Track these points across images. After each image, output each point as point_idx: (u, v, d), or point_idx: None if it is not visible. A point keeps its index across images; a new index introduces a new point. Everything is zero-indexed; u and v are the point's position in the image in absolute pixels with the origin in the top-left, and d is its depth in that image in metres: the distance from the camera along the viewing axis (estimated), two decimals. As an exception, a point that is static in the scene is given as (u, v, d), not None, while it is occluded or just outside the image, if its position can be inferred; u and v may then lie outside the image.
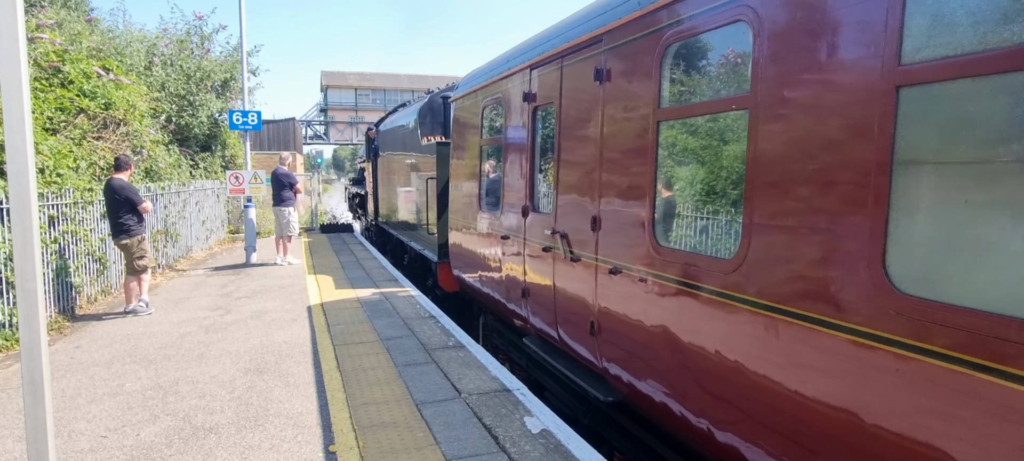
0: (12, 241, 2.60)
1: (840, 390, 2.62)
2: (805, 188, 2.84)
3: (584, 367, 5.02)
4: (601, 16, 4.57)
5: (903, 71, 2.38)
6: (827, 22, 2.75)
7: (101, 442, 4.45)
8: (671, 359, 3.77)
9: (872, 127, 2.48)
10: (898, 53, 2.39)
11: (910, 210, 2.41)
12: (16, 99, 2.45)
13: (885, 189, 2.43)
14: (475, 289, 7.64)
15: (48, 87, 9.78)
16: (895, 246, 2.43)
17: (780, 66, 3.01)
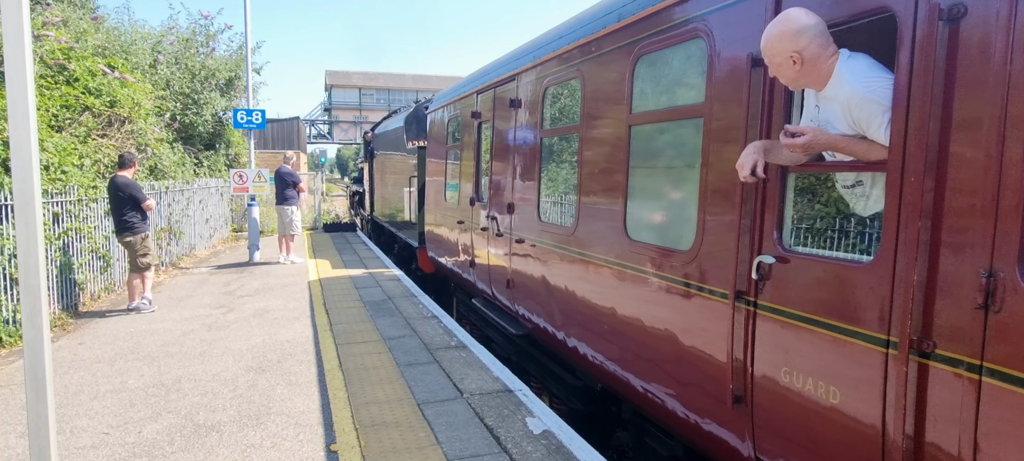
0: (16, 238, 2.61)
1: (610, 294, 4.46)
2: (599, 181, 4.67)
3: (506, 313, 6.69)
4: (515, 61, 6.44)
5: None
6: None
7: (103, 439, 4.46)
8: (547, 298, 5.52)
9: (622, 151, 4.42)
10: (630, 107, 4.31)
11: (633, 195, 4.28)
12: (21, 97, 2.46)
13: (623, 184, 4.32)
14: (443, 266, 9.33)
15: (53, 84, 9.81)
16: (629, 216, 4.27)
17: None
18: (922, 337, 2.28)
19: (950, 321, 2.20)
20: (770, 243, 2.96)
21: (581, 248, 4.82)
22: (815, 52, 2.59)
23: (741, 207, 3.08)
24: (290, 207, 12.69)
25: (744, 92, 3.08)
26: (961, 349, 2.16)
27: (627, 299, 4.21)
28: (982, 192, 2.09)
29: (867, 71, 2.57)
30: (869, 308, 2.47)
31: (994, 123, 2.07)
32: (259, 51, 21.03)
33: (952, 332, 2.19)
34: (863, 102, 2.53)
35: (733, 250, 3.13)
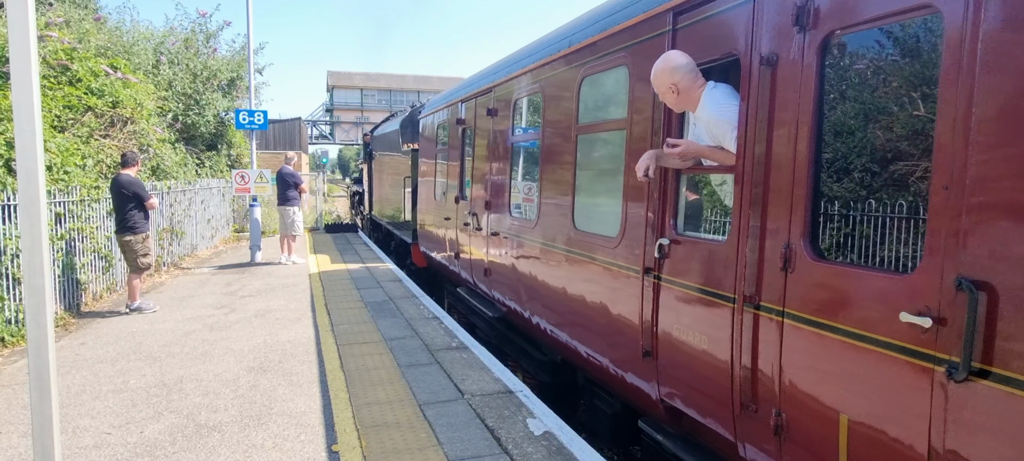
0: (21, 238, 2.62)
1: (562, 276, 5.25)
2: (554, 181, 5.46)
3: (485, 299, 7.53)
4: (493, 74, 7.25)
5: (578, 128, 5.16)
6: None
7: (105, 439, 4.47)
8: (517, 283, 6.29)
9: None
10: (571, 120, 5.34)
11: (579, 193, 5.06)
12: (27, 98, 2.47)
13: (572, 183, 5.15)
14: (433, 259, 10.17)
15: (56, 85, 9.83)
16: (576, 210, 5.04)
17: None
18: (752, 294, 3.10)
19: (767, 281, 3.03)
20: (668, 229, 3.81)
21: (541, 238, 5.69)
22: (687, 84, 3.44)
23: (648, 201, 3.96)
24: (292, 208, 12.71)
25: (650, 111, 3.95)
26: (773, 301, 3.00)
27: (574, 279, 5.06)
28: (784, 192, 2.92)
29: (723, 99, 3.41)
30: (723, 275, 3.31)
31: (791, 143, 2.88)
32: (261, 52, 21.08)
33: (768, 289, 3.02)
34: (718, 122, 3.38)
35: (643, 235, 4.03)
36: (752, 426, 3.15)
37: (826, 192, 2.85)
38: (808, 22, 2.81)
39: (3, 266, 6.80)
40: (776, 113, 2.97)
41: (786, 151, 2.91)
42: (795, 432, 2.90)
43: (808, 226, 2.81)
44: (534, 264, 5.83)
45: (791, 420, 2.92)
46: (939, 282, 2.26)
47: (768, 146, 3.01)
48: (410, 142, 12.71)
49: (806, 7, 2.80)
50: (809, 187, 2.80)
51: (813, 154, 2.79)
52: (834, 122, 2.83)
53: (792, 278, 2.88)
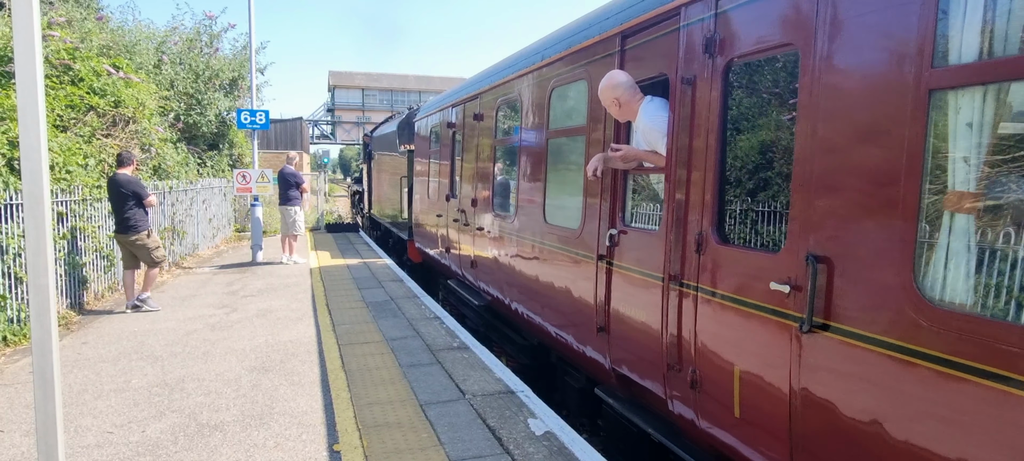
0: (25, 237, 2.63)
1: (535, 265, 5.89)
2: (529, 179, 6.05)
3: (472, 289, 8.21)
4: (479, 82, 7.93)
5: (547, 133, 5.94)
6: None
7: (107, 438, 4.48)
8: (499, 273, 6.95)
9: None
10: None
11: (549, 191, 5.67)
12: (31, 98, 2.48)
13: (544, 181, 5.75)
14: (427, 254, 10.85)
15: (58, 84, 9.84)
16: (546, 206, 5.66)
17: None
18: (676, 273, 3.73)
19: (685, 263, 3.67)
20: (617, 221, 4.47)
21: (518, 232, 6.35)
22: (627, 97, 4.11)
23: (601, 198, 4.62)
24: (293, 207, 12.72)
25: (604, 119, 4.53)
26: (690, 278, 3.64)
27: (545, 267, 5.74)
28: (699, 188, 3.54)
29: (655, 110, 4.02)
30: (656, 259, 3.94)
31: (703, 148, 3.50)
32: (263, 52, 21.10)
33: (686, 269, 3.66)
34: (651, 130, 4.02)
35: (598, 227, 4.68)
36: (676, 383, 3.80)
37: (729, 189, 3.52)
38: (714, 50, 3.44)
39: (5, 265, 6.81)
40: (693, 123, 3.61)
41: (700, 155, 3.55)
42: (705, 384, 3.55)
43: (715, 216, 3.47)
44: (513, 255, 6.52)
45: (703, 375, 3.56)
46: (795, 258, 2.89)
47: (689, 150, 3.64)
48: (406, 143, 13.25)
49: (713, 38, 3.45)
50: (717, 184, 3.45)
51: (719, 157, 3.44)
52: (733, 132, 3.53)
53: (703, 259, 3.54)
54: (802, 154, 2.86)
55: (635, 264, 4.21)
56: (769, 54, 3.23)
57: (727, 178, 3.47)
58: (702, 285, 3.53)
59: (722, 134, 3.41)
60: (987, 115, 2.23)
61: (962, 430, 2.21)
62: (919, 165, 2.35)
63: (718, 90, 3.41)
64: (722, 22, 3.41)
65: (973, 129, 2.25)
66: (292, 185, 12.75)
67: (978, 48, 2.22)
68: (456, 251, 8.72)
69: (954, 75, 2.29)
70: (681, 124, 3.68)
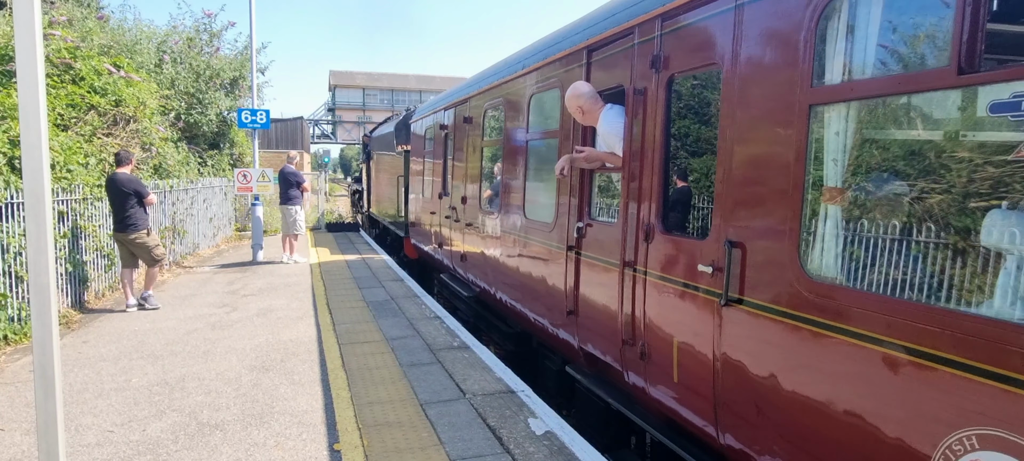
0: (26, 236, 2.63)
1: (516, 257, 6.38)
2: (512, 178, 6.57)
3: (462, 282, 8.76)
4: (469, 87, 8.50)
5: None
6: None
7: (108, 437, 4.48)
8: (485, 265, 7.50)
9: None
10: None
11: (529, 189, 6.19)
12: (32, 98, 2.48)
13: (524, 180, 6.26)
14: (422, 250, 11.43)
15: (60, 83, 9.85)
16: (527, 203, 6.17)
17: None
18: (629, 261, 4.25)
19: (636, 250, 4.19)
20: (584, 215, 5.00)
21: (502, 226, 6.87)
22: (589, 105, 4.61)
23: (570, 195, 5.16)
24: (294, 207, 12.72)
25: (571, 124, 5.07)
26: (640, 264, 4.15)
27: (525, 259, 6.21)
28: (648, 184, 4.07)
29: (614, 117, 4.49)
30: (614, 247, 4.45)
31: (651, 150, 4.04)
32: (264, 52, 21.10)
33: (637, 256, 4.18)
34: (609, 134, 4.52)
35: (568, 221, 5.20)
36: (630, 356, 4.30)
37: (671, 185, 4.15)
38: (660, 66, 3.99)
39: (6, 264, 6.81)
40: (644, 129, 4.12)
41: (648, 155, 4.08)
42: (652, 355, 4.06)
43: (660, 209, 4.02)
44: (498, 248, 7.06)
45: (650, 347, 4.08)
46: (717, 244, 3.39)
47: (641, 152, 4.15)
48: (403, 144, 13.70)
49: (658, 55, 4.00)
50: (661, 181, 4.01)
51: (664, 158, 3.99)
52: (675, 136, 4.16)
53: (650, 247, 4.07)
54: (722, 156, 3.41)
55: (598, 253, 4.75)
56: (700, 71, 3.84)
57: (668, 176, 4.11)
58: (650, 269, 4.07)
59: (666, 138, 4.00)
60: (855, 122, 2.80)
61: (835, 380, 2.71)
62: (802, 166, 2.87)
63: (663, 100, 3.98)
64: (665, 42, 3.97)
65: (839, 136, 2.81)
66: (292, 184, 12.76)
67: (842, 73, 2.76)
68: (448, 246, 9.30)
69: (829, 93, 2.81)
70: (633, 129, 4.25)
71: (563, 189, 5.27)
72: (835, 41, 2.78)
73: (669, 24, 3.92)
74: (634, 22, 4.26)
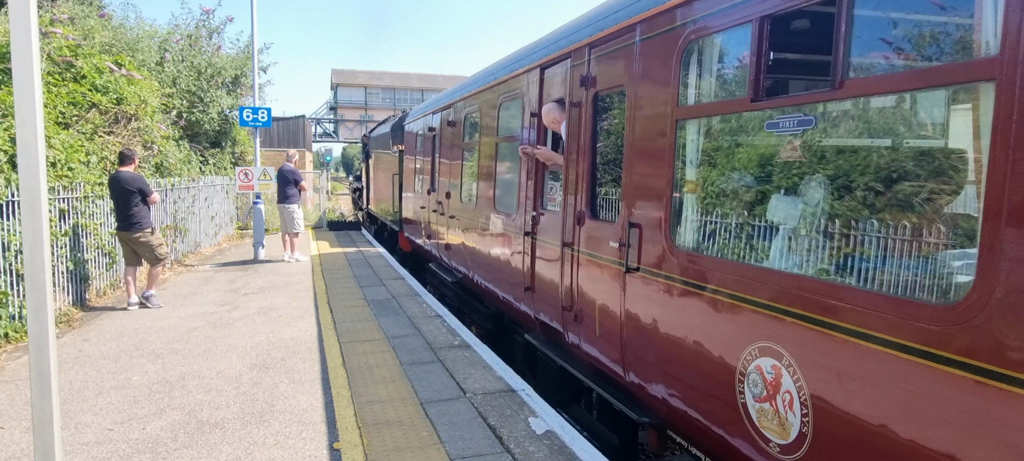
0: (22, 234, 2.62)
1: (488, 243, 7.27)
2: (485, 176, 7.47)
3: (446, 269, 9.73)
4: (454, 93, 9.53)
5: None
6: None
7: (107, 435, 4.47)
8: (464, 253, 8.42)
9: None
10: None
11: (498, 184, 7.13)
12: (28, 94, 2.47)
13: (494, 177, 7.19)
14: (414, 243, 12.48)
15: (61, 81, 9.85)
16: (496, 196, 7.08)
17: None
18: (568, 242, 5.17)
19: (571, 232, 5.12)
20: (537, 205, 5.93)
21: (477, 217, 7.79)
22: (558, 118, 5.47)
23: (527, 189, 6.10)
24: (292, 205, 12.70)
25: (530, 128, 6.12)
26: (574, 243, 5.08)
27: (494, 244, 7.12)
28: (581, 179, 5.01)
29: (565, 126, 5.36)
30: (557, 231, 5.41)
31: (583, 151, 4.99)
32: (266, 52, 21.09)
33: (572, 236, 5.11)
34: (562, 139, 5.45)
35: (526, 210, 6.13)
36: (568, 318, 5.25)
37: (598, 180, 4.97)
38: (588, 84, 4.97)
39: (7, 262, 6.81)
40: (579, 135, 5.07)
41: (581, 156, 5.04)
42: (583, 317, 5.00)
43: (589, 199, 4.95)
44: (474, 237, 8.00)
45: (581, 310, 5.01)
46: (624, 226, 4.31)
47: (577, 153, 5.10)
48: (398, 144, 14.66)
49: (587, 76, 4.98)
50: (590, 177, 4.95)
51: (591, 158, 4.94)
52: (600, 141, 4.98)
53: (581, 230, 5.01)
54: (626, 156, 4.39)
55: (546, 237, 5.73)
56: (614, 90, 4.71)
57: (596, 173, 4.97)
58: (581, 248, 5.00)
59: (593, 142, 4.96)
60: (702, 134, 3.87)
61: (692, 325, 3.68)
62: (670, 166, 3.88)
63: (590, 112, 4.95)
64: (592, 65, 4.95)
65: (694, 143, 3.89)
66: (290, 182, 12.74)
67: (694, 97, 3.85)
68: (435, 238, 10.31)
69: (688, 112, 3.86)
70: (571, 135, 5.22)
71: (524, 184, 6.17)
72: (690, 74, 3.84)
73: (595, 51, 4.90)
74: (571, 48, 5.27)
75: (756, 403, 3.18)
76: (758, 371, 3.16)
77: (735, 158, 3.69)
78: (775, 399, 3.07)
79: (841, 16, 2.72)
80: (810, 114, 3.06)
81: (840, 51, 2.74)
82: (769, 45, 3.23)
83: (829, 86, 2.82)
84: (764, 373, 3.12)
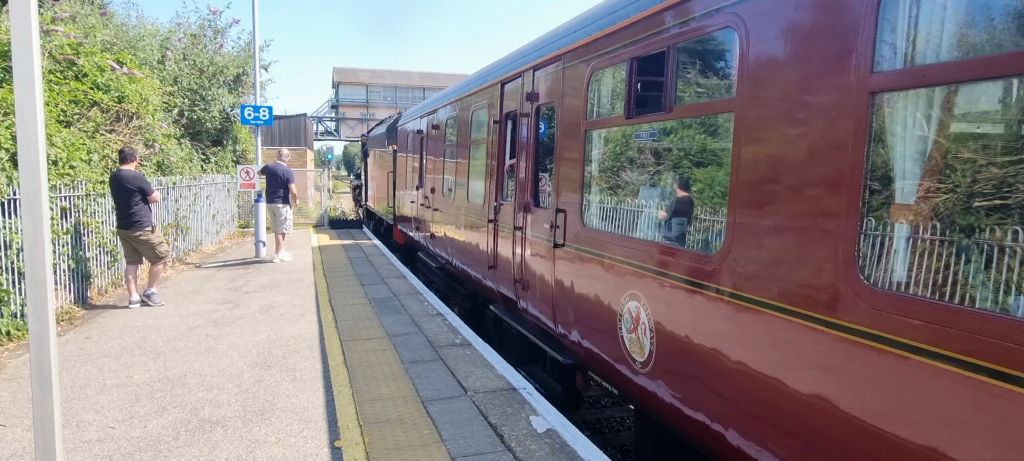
0: (23, 232, 2.61)
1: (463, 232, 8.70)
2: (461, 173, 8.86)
3: (431, 255, 11.01)
4: (438, 101, 10.73)
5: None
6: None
7: (109, 433, 4.48)
8: (445, 241, 9.61)
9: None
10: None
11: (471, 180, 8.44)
12: (28, 91, 2.46)
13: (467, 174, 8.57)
14: (406, 235, 13.76)
15: (62, 80, 9.85)
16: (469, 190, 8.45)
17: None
18: (519, 226, 6.39)
19: (521, 218, 6.35)
20: (498, 199, 7.07)
21: (454, 210, 9.08)
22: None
23: (491, 184, 7.28)
24: (280, 205, 12.26)
25: (497, 135, 7.20)
26: (522, 227, 6.34)
27: (468, 232, 8.40)
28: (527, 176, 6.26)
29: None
30: (511, 218, 6.60)
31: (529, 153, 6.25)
32: (267, 50, 21.09)
33: (521, 221, 6.33)
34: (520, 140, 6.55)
35: (490, 202, 7.29)
36: (519, 289, 6.46)
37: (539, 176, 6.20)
38: (533, 99, 6.15)
39: (9, 260, 6.82)
40: (527, 140, 6.30)
41: (527, 157, 6.29)
42: (529, 286, 6.21)
43: (533, 191, 6.20)
44: (452, 227, 9.28)
45: (527, 281, 6.23)
46: (554, 211, 5.49)
47: (527, 155, 6.31)
48: (392, 144, 15.78)
49: (532, 93, 6.16)
50: (533, 174, 6.21)
51: (535, 158, 6.22)
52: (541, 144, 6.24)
53: (527, 216, 6.25)
54: (556, 157, 5.58)
55: (504, 222, 6.91)
56: (548, 104, 5.91)
57: (537, 170, 6.21)
58: (529, 231, 6.21)
59: (536, 146, 6.22)
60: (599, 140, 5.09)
61: (593, 283, 4.84)
62: (582, 164, 5.09)
63: (533, 122, 6.20)
64: (535, 83, 6.13)
65: (595, 146, 5.10)
66: (280, 182, 12.30)
67: (594, 113, 5.05)
68: (422, 229, 11.61)
69: (592, 124, 5.03)
70: (520, 140, 6.46)
71: (490, 181, 7.39)
72: (593, 95, 5.06)
73: (538, 73, 6.07)
74: (523, 69, 6.46)
75: (628, 334, 4.32)
76: (628, 311, 4.32)
77: (617, 158, 5.03)
78: (637, 330, 4.20)
79: (669, 62, 3.93)
80: (655, 128, 4.48)
81: (669, 82, 3.94)
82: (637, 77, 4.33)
83: (662, 109, 4.07)
84: (631, 312, 4.27)
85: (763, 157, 3.12)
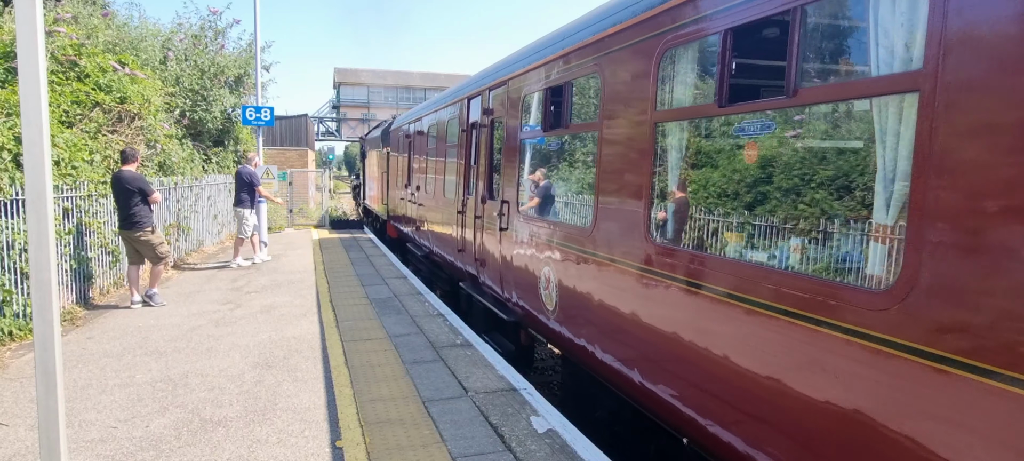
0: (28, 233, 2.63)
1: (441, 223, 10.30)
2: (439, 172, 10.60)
3: (417, 245, 12.52)
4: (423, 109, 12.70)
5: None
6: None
7: (111, 433, 4.50)
8: (429, 232, 11.20)
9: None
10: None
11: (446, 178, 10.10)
12: (34, 93, 2.48)
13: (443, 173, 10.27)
14: (398, 229, 15.18)
15: (64, 80, 9.87)
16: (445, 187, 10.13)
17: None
18: (478, 215, 7.97)
19: (480, 208, 7.95)
20: (466, 193, 8.55)
21: (434, 203, 10.54)
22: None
23: (460, 181, 8.80)
24: (244, 209, 11.85)
25: (466, 140, 8.69)
26: (481, 216, 7.89)
27: (445, 224, 9.72)
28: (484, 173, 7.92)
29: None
30: (473, 210, 8.22)
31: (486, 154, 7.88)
32: (268, 50, 21.12)
33: (480, 211, 7.94)
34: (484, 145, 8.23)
35: (460, 196, 8.81)
36: (479, 266, 7.85)
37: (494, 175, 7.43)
38: (488, 114, 7.71)
39: (12, 261, 6.84)
40: (484, 145, 7.74)
41: (483, 158, 7.74)
42: (485, 262, 7.57)
43: (488, 185, 7.65)
44: (433, 219, 10.71)
45: (485, 260, 7.57)
46: (501, 202, 6.91)
47: (484, 158, 7.77)
48: (387, 146, 17.09)
49: (487, 108, 7.71)
50: (489, 171, 7.66)
51: (489, 159, 7.61)
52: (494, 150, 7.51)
53: (484, 206, 7.62)
54: (503, 159, 6.97)
55: (469, 213, 8.31)
56: (499, 118, 7.35)
57: (492, 169, 7.51)
58: (484, 218, 7.60)
59: (490, 149, 7.64)
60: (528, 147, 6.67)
61: (526, 257, 6.27)
62: (518, 165, 6.56)
63: (489, 132, 7.69)
64: (491, 100, 7.64)
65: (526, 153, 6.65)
66: (245, 186, 11.84)
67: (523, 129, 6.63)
68: (410, 223, 13.10)
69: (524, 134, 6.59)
70: (478, 145, 8.02)
71: (462, 179, 8.77)
72: (523, 113, 6.57)
73: (491, 93, 7.63)
74: (482, 88, 7.96)
75: (544, 292, 5.80)
76: (544, 276, 5.80)
77: (540, 160, 6.68)
78: (549, 288, 5.68)
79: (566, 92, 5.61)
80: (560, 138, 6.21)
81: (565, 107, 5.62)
82: (550, 101, 5.87)
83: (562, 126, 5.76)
84: (547, 276, 5.73)
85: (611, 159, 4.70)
